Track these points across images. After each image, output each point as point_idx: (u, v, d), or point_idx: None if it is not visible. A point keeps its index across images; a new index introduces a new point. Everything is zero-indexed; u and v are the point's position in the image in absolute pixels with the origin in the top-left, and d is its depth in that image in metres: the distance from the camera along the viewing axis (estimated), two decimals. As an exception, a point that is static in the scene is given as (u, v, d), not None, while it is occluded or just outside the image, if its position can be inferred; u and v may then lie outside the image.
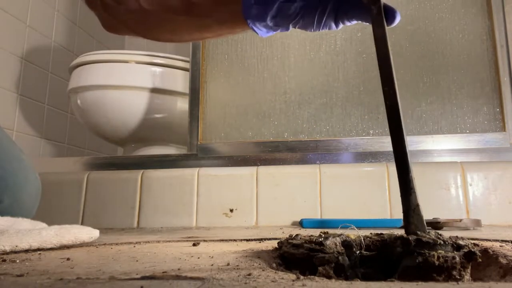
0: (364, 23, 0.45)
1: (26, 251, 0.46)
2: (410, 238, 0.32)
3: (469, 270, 0.31)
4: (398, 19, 0.43)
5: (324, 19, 0.46)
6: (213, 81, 1.11)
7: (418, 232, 0.34)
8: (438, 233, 0.34)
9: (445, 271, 0.30)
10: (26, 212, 0.70)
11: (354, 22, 0.46)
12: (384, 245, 0.34)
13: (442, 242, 0.32)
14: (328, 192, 0.95)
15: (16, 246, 0.45)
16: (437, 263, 0.30)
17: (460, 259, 0.31)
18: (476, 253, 0.31)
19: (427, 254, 0.30)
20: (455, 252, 0.31)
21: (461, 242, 0.33)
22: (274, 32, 0.50)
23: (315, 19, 0.46)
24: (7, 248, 0.44)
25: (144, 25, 0.56)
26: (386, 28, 0.41)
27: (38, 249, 0.48)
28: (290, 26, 0.48)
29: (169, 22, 0.54)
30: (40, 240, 0.48)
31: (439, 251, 0.31)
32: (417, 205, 0.36)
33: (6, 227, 0.55)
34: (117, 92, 1.19)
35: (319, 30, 0.48)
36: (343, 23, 0.47)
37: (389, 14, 0.43)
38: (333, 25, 0.47)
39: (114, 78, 1.19)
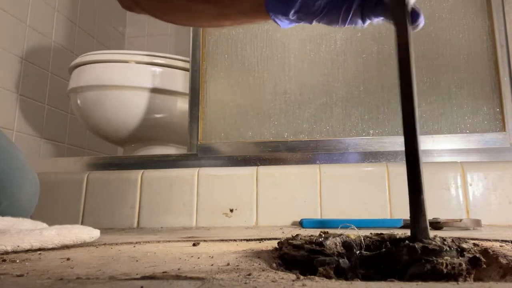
0: (390, 22, 0.43)
1: (26, 251, 0.46)
2: (416, 246, 0.32)
3: (472, 276, 0.32)
4: (422, 23, 0.41)
5: (350, 16, 0.45)
6: (213, 81, 1.11)
7: (423, 239, 0.33)
8: (443, 238, 0.34)
9: (452, 278, 0.30)
10: (24, 212, 0.70)
11: (381, 19, 0.45)
12: (388, 253, 0.34)
13: (447, 249, 0.32)
14: (328, 192, 0.95)
15: (18, 246, 0.45)
16: (445, 270, 0.30)
17: (466, 265, 0.31)
18: (481, 259, 0.32)
19: (435, 261, 0.30)
20: (461, 258, 0.32)
21: (464, 245, 0.33)
22: (296, 24, 0.49)
23: (340, 16, 0.45)
24: (9, 248, 0.44)
25: (162, 8, 0.55)
26: (411, 32, 0.39)
27: (39, 249, 0.48)
28: (314, 21, 0.47)
29: (188, 9, 0.53)
30: (41, 240, 0.48)
31: (445, 257, 0.31)
32: (426, 228, 0.35)
33: (7, 227, 0.55)
34: (117, 92, 1.19)
35: (345, 26, 0.47)
36: (370, 19, 0.45)
37: (413, 17, 0.41)
38: (360, 22, 0.46)
39: (114, 78, 1.19)
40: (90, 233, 0.55)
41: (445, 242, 0.33)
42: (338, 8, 0.45)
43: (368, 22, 0.46)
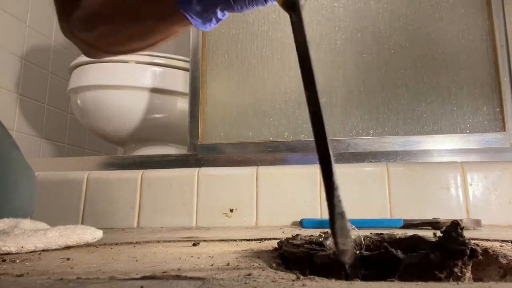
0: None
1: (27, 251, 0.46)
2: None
3: (469, 268, 0.31)
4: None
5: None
6: (213, 81, 1.11)
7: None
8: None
9: (447, 268, 0.30)
10: (24, 211, 0.70)
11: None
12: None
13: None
14: (328, 192, 0.95)
15: (22, 247, 0.45)
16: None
17: None
18: (476, 250, 0.31)
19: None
20: None
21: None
22: (211, 24, 0.46)
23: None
24: (13, 249, 0.44)
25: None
26: (306, 29, 0.36)
27: (43, 250, 0.48)
28: (218, 11, 0.43)
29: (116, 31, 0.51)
30: (45, 241, 0.47)
31: None
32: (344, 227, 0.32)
33: (10, 227, 0.55)
34: (117, 92, 1.19)
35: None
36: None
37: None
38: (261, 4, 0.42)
39: (114, 78, 1.19)
40: (93, 234, 0.54)
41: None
42: None
43: (270, 3, 0.42)
